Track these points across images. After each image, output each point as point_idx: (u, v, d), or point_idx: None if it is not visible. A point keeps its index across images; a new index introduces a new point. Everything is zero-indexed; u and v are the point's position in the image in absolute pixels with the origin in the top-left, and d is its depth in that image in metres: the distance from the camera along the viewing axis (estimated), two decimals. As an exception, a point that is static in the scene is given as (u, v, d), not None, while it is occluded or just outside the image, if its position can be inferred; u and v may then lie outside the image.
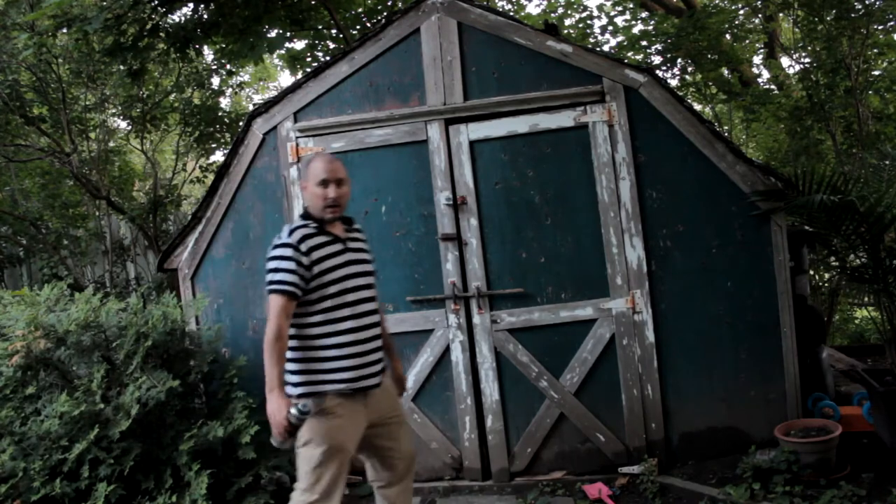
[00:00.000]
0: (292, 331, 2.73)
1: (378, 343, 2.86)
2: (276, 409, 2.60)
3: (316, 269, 2.71)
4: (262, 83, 13.44)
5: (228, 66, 8.16)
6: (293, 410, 2.59)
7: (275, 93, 7.01)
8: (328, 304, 2.73)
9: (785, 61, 9.58)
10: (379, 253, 4.26)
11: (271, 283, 2.68)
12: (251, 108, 6.64)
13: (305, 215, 2.84)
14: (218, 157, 9.18)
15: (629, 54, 8.58)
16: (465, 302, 4.17)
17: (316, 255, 2.72)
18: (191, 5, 6.06)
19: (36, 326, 3.58)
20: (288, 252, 2.69)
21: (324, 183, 2.76)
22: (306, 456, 2.70)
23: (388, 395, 2.96)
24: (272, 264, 2.71)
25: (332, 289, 2.72)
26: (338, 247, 2.80)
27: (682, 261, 4.11)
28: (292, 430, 2.62)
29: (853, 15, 6.92)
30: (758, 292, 4.07)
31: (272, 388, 2.62)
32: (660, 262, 4.12)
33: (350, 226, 2.95)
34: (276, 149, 4.36)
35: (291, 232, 2.74)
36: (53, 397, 3.50)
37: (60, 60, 7.20)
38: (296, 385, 2.73)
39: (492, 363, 4.15)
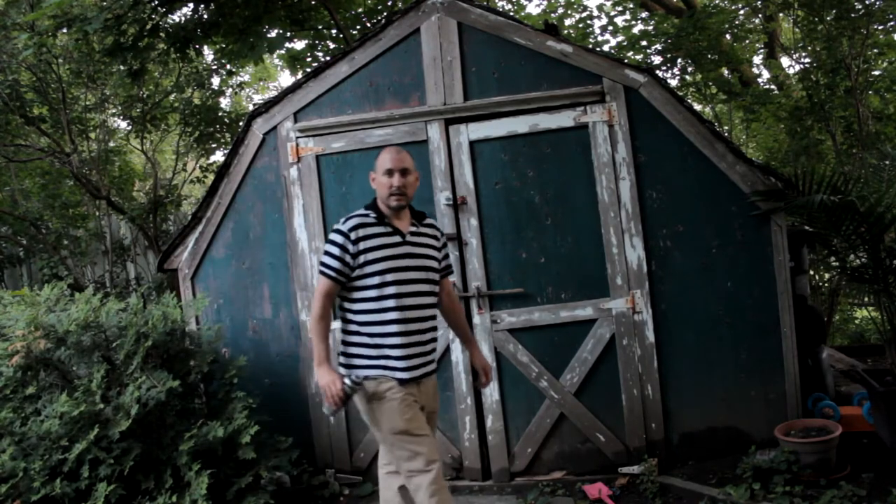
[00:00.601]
0: (345, 313, 2.93)
1: (429, 336, 2.95)
2: (330, 381, 2.78)
3: (362, 259, 2.83)
4: (262, 83, 13.44)
5: (228, 66, 8.16)
6: (347, 381, 2.79)
7: (275, 93, 7.01)
8: (372, 293, 2.84)
9: (785, 61, 9.59)
10: (379, 253, 4.28)
11: (320, 264, 2.88)
12: (251, 108, 6.64)
13: (371, 205, 2.95)
14: (218, 157, 9.18)
15: (629, 54, 8.57)
16: (465, 302, 4.17)
17: (364, 244, 2.84)
18: (191, 5, 6.06)
19: (36, 326, 3.58)
20: (339, 238, 2.84)
21: (389, 172, 2.87)
22: (388, 442, 2.89)
23: (433, 388, 3.07)
24: (325, 247, 2.89)
25: (375, 279, 2.83)
26: (394, 239, 2.88)
27: (682, 261, 4.11)
28: (346, 398, 2.79)
29: (853, 15, 6.92)
30: (758, 292, 4.07)
31: (321, 362, 2.82)
32: (660, 262, 4.12)
33: (421, 220, 3.02)
34: (276, 149, 4.36)
35: (347, 220, 2.88)
36: (53, 397, 3.50)
37: (60, 60, 7.20)
38: (344, 366, 2.91)
39: (492, 363, 4.15)
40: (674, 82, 8.84)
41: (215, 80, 8.48)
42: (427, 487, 2.79)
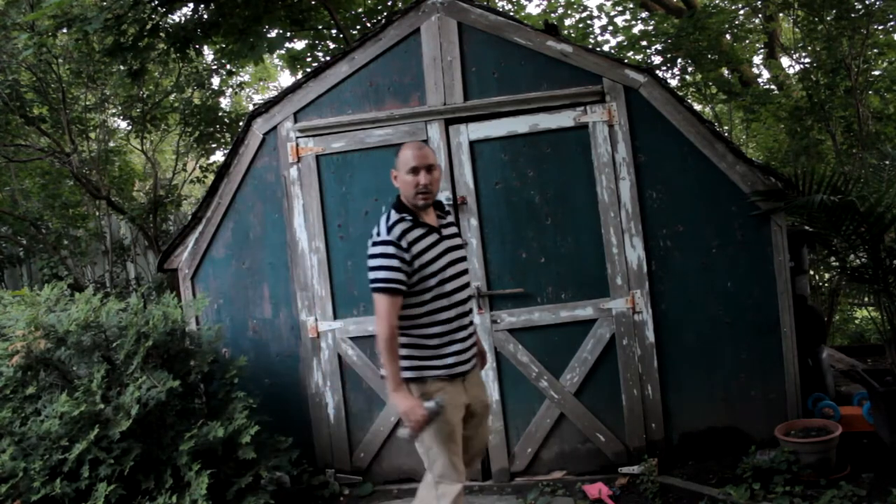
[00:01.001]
0: (399, 322, 2.78)
1: (472, 328, 2.96)
2: (411, 408, 2.68)
3: (416, 264, 2.75)
4: (262, 83, 13.44)
5: (228, 66, 8.15)
6: (428, 405, 2.70)
7: (275, 93, 7.01)
8: (429, 295, 2.79)
9: (785, 61, 9.59)
10: (379, 253, 4.27)
11: (376, 281, 2.71)
12: (251, 108, 6.64)
13: (399, 206, 2.83)
14: (218, 157, 9.18)
15: (629, 54, 8.57)
16: (465, 302, 4.17)
17: (416, 248, 2.75)
18: (191, 5, 6.06)
19: (36, 326, 3.58)
20: (390, 249, 2.71)
21: (414, 170, 2.78)
22: (426, 445, 2.83)
23: (479, 378, 3.06)
24: (376, 262, 2.73)
25: (433, 281, 2.78)
26: (434, 237, 2.84)
27: (682, 261, 4.11)
28: (428, 423, 2.71)
29: (853, 15, 6.92)
30: (758, 292, 4.07)
31: (397, 387, 2.71)
32: (660, 262, 4.12)
33: (442, 211, 2.97)
34: (276, 149, 4.36)
35: (390, 228, 2.74)
36: (53, 397, 3.50)
37: (60, 60, 7.20)
38: (406, 369, 2.80)
39: (492, 363, 4.14)
40: (674, 82, 8.84)
41: (215, 80, 8.49)
42: (453, 500, 2.82)
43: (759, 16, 8.97)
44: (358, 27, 7.50)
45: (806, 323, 4.36)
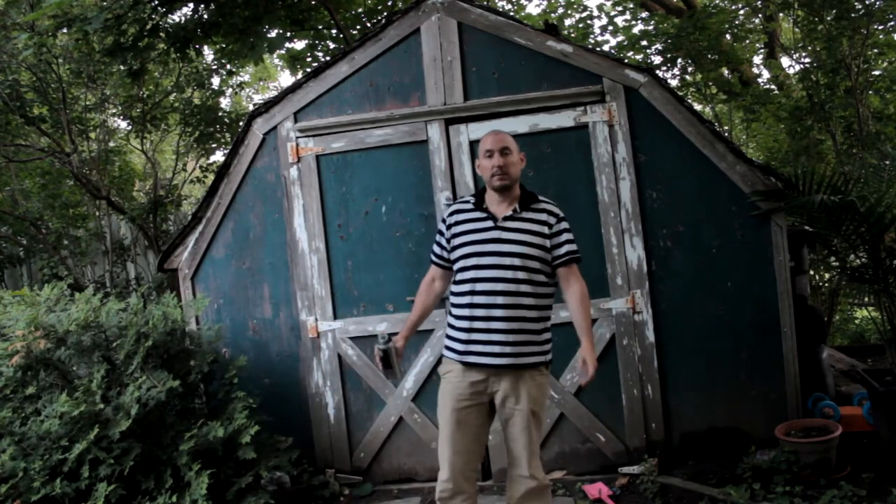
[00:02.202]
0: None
1: (505, 325, 2.77)
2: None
3: (454, 243, 2.93)
4: (262, 83, 13.44)
5: (228, 66, 8.15)
6: (379, 342, 2.91)
7: (275, 93, 7.00)
8: (458, 276, 2.90)
9: (785, 61, 9.59)
10: (378, 253, 4.28)
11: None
12: (251, 108, 6.64)
13: (478, 191, 3.04)
14: (218, 157, 9.17)
15: (629, 54, 8.57)
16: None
17: (456, 229, 2.93)
18: (191, 5, 6.05)
19: (36, 326, 3.57)
20: (439, 225, 3.03)
21: (489, 153, 2.88)
22: (438, 416, 2.93)
23: (514, 384, 2.82)
24: None
25: (459, 263, 2.89)
26: (485, 224, 2.88)
27: (682, 261, 4.11)
28: (382, 361, 2.92)
29: (853, 15, 6.92)
30: (758, 292, 4.07)
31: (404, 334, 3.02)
32: (660, 262, 4.12)
33: (528, 204, 2.91)
34: (276, 149, 4.36)
35: (451, 205, 3.03)
36: (53, 397, 3.49)
37: (60, 60, 7.20)
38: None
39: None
40: (674, 82, 8.85)
41: (215, 80, 8.48)
42: (438, 487, 2.85)
43: (759, 16, 8.97)
44: (358, 27, 7.49)
45: (806, 323, 4.36)
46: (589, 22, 9.09)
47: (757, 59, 9.98)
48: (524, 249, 2.82)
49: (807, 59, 8.14)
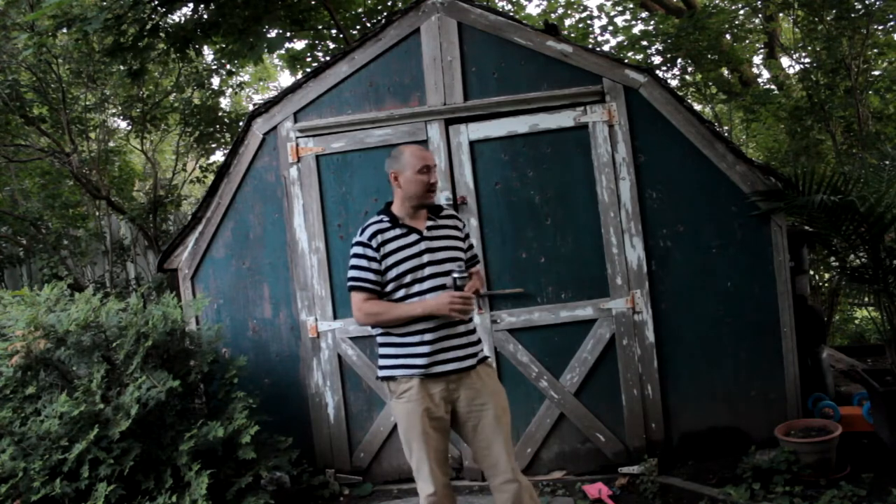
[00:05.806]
0: None
1: (461, 328, 2.87)
2: (443, 302, 2.75)
3: (386, 263, 2.85)
4: (262, 83, 13.43)
5: (228, 66, 8.15)
6: (455, 274, 2.79)
7: (275, 93, 7.00)
8: (402, 293, 2.85)
9: (785, 61, 9.59)
10: (379, 253, 4.27)
11: (349, 279, 2.88)
12: (251, 108, 6.63)
13: (383, 210, 2.97)
14: (218, 157, 9.17)
15: (629, 54, 8.56)
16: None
17: (386, 248, 2.86)
18: (191, 5, 6.05)
19: (36, 326, 3.57)
20: (360, 250, 2.87)
21: (426, 169, 2.89)
22: (403, 441, 2.90)
23: (485, 379, 2.91)
24: (350, 262, 2.90)
25: (398, 282, 2.84)
26: (411, 238, 2.88)
27: (682, 261, 4.11)
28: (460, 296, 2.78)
29: (853, 15, 6.91)
30: (758, 292, 4.07)
31: (423, 307, 2.79)
32: (660, 262, 4.12)
33: (438, 213, 2.99)
34: (276, 149, 4.36)
35: (364, 230, 2.91)
36: (53, 397, 3.49)
37: (60, 60, 7.19)
38: (381, 367, 2.91)
39: (492, 363, 4.14)
40: (674, 82, 8.84)
41: (215, 80, 8.48)
42: (424, 499, 2.82)
43: (759, 16, 8.96)
44: (358, 27, 7.50)
45: (806, 323, 4.36)
46: (589, 22, 9.08)
47: (757, 59, 9.99)
48: (455, 254, 2.94)
49: (807, 59, 8.14)
